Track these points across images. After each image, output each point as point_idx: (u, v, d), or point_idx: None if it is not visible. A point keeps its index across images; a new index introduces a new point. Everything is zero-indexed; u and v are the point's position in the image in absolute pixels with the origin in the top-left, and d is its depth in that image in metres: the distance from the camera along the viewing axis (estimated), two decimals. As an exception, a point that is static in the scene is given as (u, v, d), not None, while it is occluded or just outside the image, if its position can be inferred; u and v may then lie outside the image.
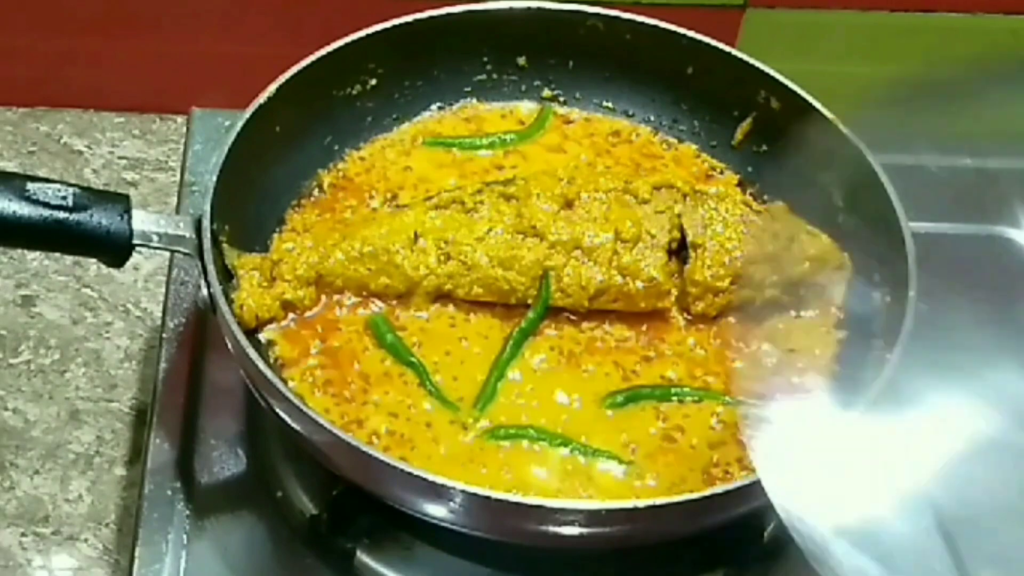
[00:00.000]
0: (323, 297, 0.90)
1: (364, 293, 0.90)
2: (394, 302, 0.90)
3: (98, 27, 1.25)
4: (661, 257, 0.90)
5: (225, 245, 0.87)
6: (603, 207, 0.91)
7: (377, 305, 0.90)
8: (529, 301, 0.90)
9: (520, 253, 0.89)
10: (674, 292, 0.91)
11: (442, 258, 0.89)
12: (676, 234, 0.91)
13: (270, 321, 0.88)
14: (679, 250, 0.92)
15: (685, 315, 0.92)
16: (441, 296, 0.90)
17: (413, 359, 0.87)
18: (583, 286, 0.89)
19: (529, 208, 0.90)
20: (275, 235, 0.94)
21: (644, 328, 0.91)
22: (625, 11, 1.02)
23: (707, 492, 0.77)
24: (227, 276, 0.87)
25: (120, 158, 1.25)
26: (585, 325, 0.91)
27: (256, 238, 0.92)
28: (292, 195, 0.96)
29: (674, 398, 0.87)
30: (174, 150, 1.25)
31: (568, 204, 0.91)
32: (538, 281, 0.89)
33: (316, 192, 0.97)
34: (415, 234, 0.90)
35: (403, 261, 0.89)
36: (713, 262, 0.90)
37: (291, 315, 0.89)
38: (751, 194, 0.99)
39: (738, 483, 0.77)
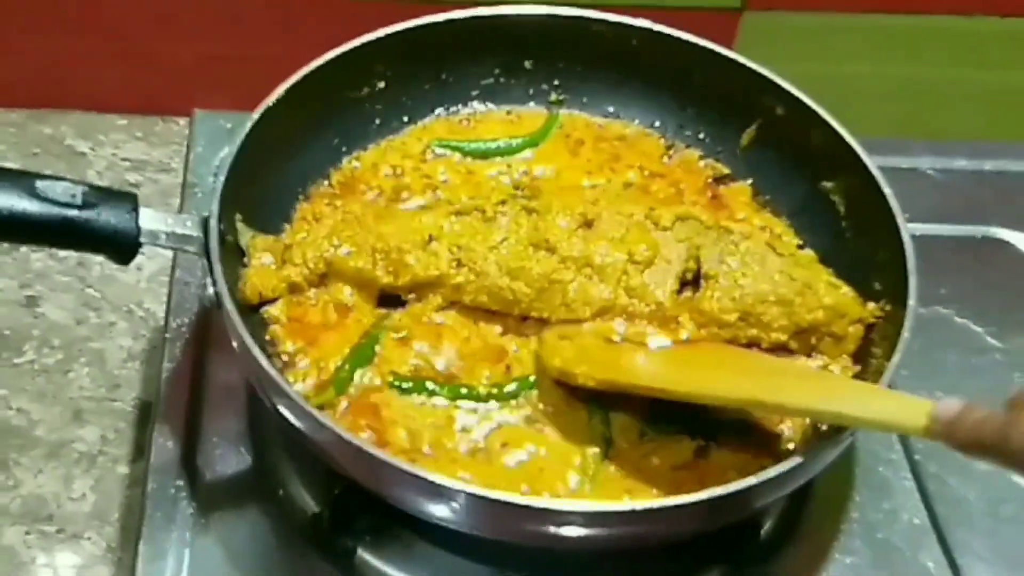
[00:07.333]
0: (326, 298, 0.90)
1: (369, 291, 0.90)
2: (397, 307, 0.91)
3: (101, 29, 1.25)
4: (672, 284, 0.89)
5: (240, 224, 0.88)
6: (622, 229, 0.91)
7: (380, 308, 0.90)
8: (532, 314, 0.89)
9: (529, 264, 0.88)
10: (684, 325, 0.89)
11: (453, 263, 0.89)
12: (692, 265, 0.91)
13: (272, 301, 0.88)
14: (695, 281, 0.91)
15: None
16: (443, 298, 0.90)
17: (431, 385, 0.87)
18: (587, 302, 0.88)
19: (546, 222, 0.90)
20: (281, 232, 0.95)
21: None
22: (624, 14, 1.02)
23: (704, 495, 0.76)
24: (233, 276, 0.87)
25: (123, 160, 1.26)
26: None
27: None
28: (297, 196, 0.97)
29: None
30: (177, 152, 1.25)
31: (588, 224, 0.91)
32: (543, 294, 0.88)
33: (322, 192, 0.98)
34: (429, 236, 0.89)
35: (414, 261, 0.89)
36: (723, 295, 0.88)
37: (295, 311, 0.89)
38: (757, 200, 0.99)
39: (735, 487, 0.77)
